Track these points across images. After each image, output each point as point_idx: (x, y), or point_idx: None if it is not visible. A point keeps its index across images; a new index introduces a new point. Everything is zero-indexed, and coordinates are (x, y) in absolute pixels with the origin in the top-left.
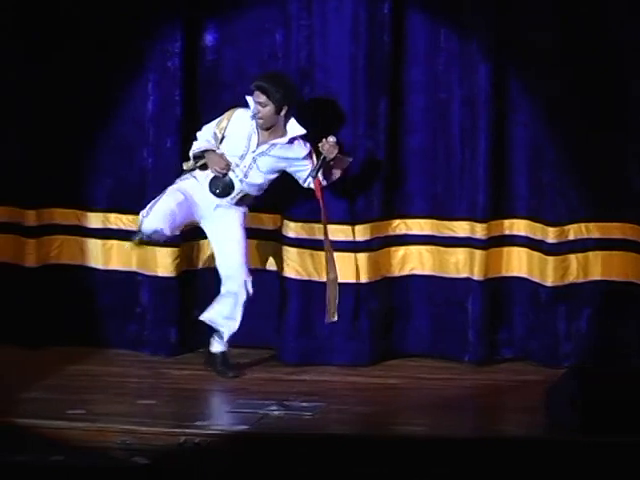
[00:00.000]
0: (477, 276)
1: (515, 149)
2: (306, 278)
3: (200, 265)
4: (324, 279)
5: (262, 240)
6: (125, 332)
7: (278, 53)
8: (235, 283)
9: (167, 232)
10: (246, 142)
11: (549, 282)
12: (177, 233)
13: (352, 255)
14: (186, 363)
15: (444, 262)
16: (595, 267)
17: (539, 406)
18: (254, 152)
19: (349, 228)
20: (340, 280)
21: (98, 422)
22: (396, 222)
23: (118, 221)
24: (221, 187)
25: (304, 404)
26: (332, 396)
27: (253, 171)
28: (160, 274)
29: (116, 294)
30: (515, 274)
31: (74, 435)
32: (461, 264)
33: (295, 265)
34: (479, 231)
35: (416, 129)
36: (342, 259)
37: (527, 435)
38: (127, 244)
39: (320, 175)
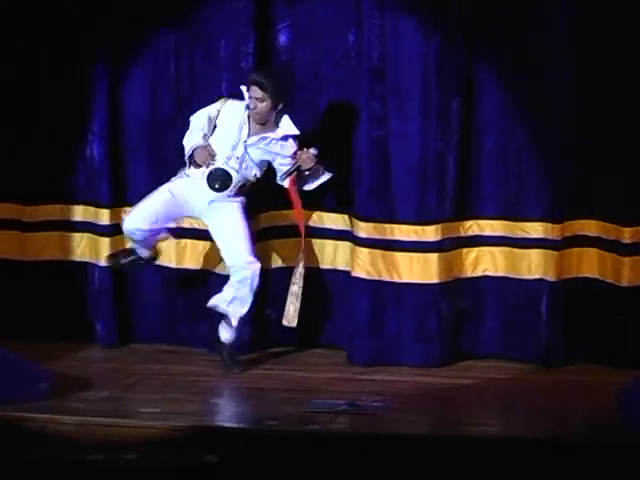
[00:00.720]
0: (550, 277)
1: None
2: (376, 278)
3: (273, 265)
4: (395, 279)
5: (333, 240)
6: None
7: (351, 52)
8: (240, 273)
9: (146, 229)
10: (237, 132)
11: (624, 282)
12: (164, 231)
13: (423, 255)
14: (257, 362)
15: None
16: None
17: (610, 408)
18: (245, 142)
19: (421, 228)
20: (412, 280)
21: (170, 420)
22: (469, 223)
23: (192, 221)
24: (220, 181)
25: (375, 404)
26: (402, 396)
27: (247, 161)
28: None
29: (190, 293)
30: (588, 275)
31: (144, 433)
32: (534, 265)
33: (366, 265)
34: (553, 232)
35: (489, 130)
36: (413, 259)
37: (595, 437)
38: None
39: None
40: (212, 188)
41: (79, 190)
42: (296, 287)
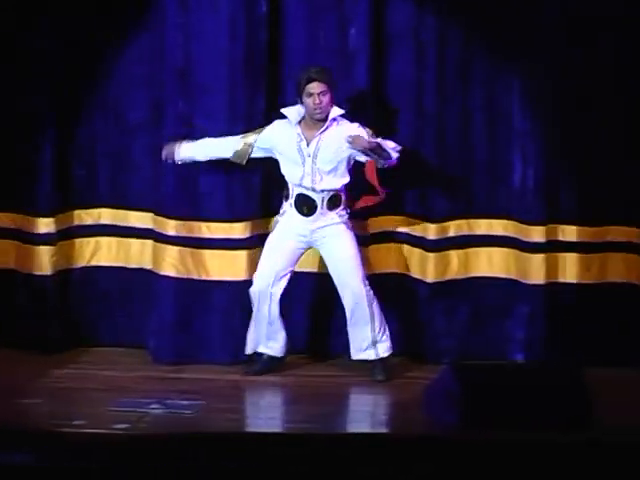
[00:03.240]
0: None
1: None
2: (185, 276)
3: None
4: (203, 277)
5: (140, 239)
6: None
7: (154, 52)
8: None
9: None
10: (297, 150)
11: (429, 278)
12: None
13: (232, 252)
14: (64, 362)
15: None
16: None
17: (418, 403)
18: (309, 156)
19: (229, 226)
20: (220, 277)
21: None
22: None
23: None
24: (305, 206)
25: (184, 402)
26: (211, 394)
27: (318, 174)
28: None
29: None
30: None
31: None
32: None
33: (175, 263)
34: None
35: None
36: (222, 257)
37: (405, 432)
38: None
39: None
40: (303, 214)
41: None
42: None
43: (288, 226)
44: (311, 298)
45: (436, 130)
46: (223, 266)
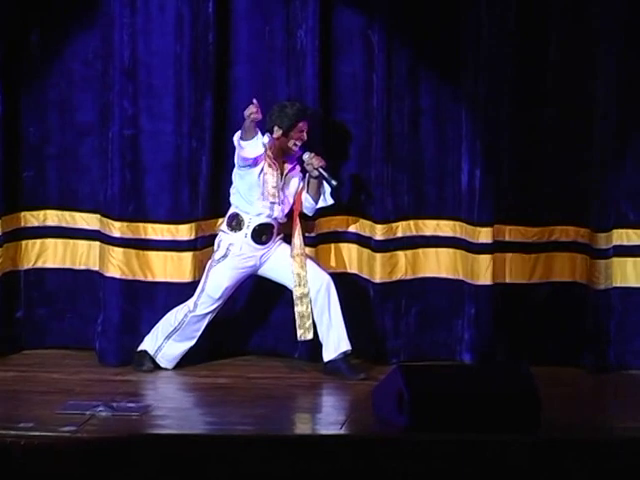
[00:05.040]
0: None
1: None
2: (130, 277)
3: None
4: (149, 278)
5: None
6: None
7: (100, 52)
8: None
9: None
10: (259, 179)
11: (377, 279)
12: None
13: (177, 254)
14: (11, 364)
15: None
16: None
17: (367, 404)
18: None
19: (175, 227)
20: (165, 279)
21: None
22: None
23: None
24: (265, 235)
25: (131, 405)
26: (157, 396)
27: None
28: None
29: None
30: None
31: None
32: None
33: (120, 264)
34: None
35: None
36: (167, 258)
37: (354, 433)
38: None
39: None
40: (260, 243)
41: None
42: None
43: (238, 258)
44: (254, 298)
45: (385, 131)
46: (168, 268)
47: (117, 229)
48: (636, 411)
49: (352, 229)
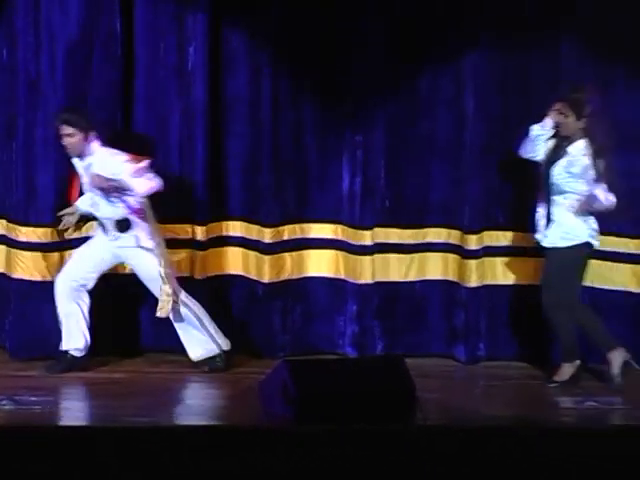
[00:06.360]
0: (198, 275)
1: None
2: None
3: None
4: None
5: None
6: None
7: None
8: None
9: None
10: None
11: (266, 279)
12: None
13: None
14: None
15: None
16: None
17: (254, 396)
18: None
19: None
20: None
21: None
22: None
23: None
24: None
25: (33, 398)
26: (59, 390)
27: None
28: None
29: None
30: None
31: None
32: (182, 265)
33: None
34: (199, 233)
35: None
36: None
37: (240, 424)
38: None
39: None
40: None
41: None
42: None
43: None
44: (138, 298)
45: (271, 141)
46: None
47: (23, 234)
48: (502, 399)
49: (239, 233)
